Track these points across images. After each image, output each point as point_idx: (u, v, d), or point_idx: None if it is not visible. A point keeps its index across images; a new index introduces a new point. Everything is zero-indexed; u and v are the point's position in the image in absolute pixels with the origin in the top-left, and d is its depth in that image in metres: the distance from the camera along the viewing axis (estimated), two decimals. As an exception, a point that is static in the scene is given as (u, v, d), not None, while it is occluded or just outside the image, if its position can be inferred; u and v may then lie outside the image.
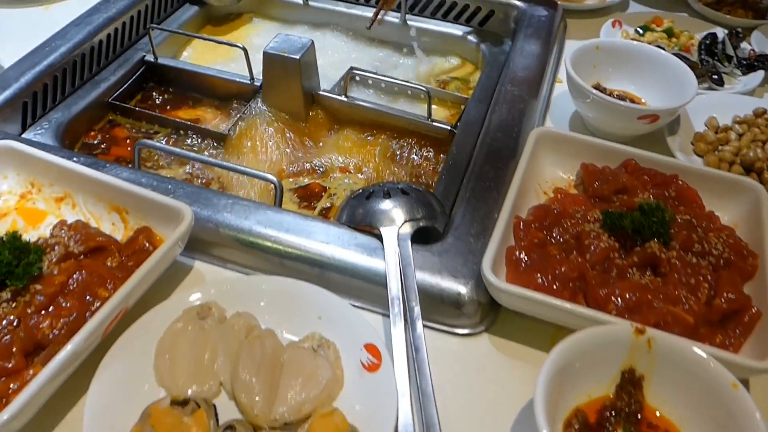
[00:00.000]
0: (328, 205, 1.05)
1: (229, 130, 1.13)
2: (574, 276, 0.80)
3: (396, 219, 0.83)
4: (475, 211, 0.88)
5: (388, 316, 0.78)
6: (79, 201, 0.87)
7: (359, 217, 0.85)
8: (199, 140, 1.15)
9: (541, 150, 0.96)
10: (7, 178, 0.89)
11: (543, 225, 0.87)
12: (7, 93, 1.04)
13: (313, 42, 1.14)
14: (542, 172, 0.96)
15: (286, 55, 1.10)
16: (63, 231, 0.81)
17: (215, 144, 1.13)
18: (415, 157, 1.13)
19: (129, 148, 1.14)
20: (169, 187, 0.88)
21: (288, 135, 1.14)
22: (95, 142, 1.14)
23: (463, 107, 1.20)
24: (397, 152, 1.14)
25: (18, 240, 0.75)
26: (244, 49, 1.15)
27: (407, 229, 0.83)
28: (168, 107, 1.23)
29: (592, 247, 0.82)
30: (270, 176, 0.90)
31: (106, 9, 1.24)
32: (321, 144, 1.15)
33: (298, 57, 1.10)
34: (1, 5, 1.37)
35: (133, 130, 1.17)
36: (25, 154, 0.88)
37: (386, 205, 0.85)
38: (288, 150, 1.11)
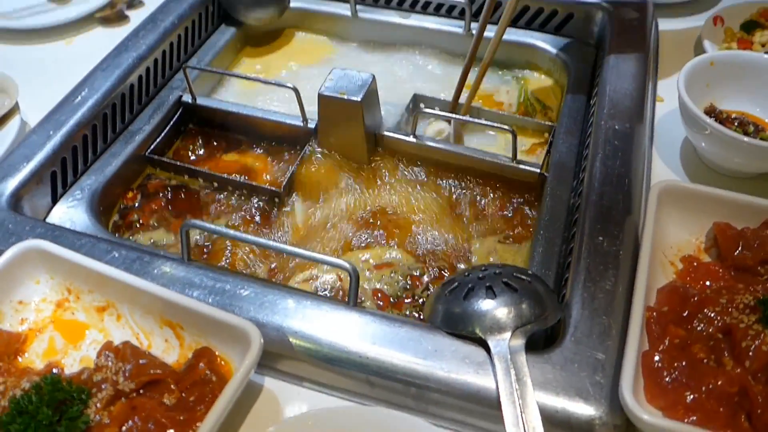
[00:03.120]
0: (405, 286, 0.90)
1: (283, 187, 0.98)
2: (733, 392, 0.65)
3: (504, 325, 0.69)
4: (594, 299, 0.73)
5: (502, 444, 0.65)
6: (124, 312, 0.74)
7: (458, 321, 0.70)
8: (251, 196, 1.00)
9: (663, 209, 0.80)
10: (40, 283, 0.76)
11: (681, 317, 0.71)
12: (34, 164, 0.91)
13: (374, 77, 0.98)
14: (666, 236, 0.80)
15: (345, 97, 0.95)
16: (110, 360, 0.68)
17: (269, 201, 0.99)
18: (499, 206, 0.97)
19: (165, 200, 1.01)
20: (228, 287, 0.75)
21: (351, 186, 0.99)
22: (135, 204, 1.00)
23: (548, 137, 1.04)
24: (477, 201, 0.98)
25: (59, 387, 0.62)
26: (295, 90, 1.00)
27: (519, 338, 0.68)
28: (211, 153, 1.09)
29: (752, 351, 0.66)
30: (344, 263, 0.76)
31: (134, 46, 1.09)
32: (389, 195, 0.99)
33: (359, 99, 0.94)
34: (23, 42, 1.24)
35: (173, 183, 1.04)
36: (56, 257, 0.75)
37: (490, 305, 0.70)
38: (357, 215, 0.96)
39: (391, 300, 0.86)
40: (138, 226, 0.97)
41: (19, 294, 0.76)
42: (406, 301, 0.87)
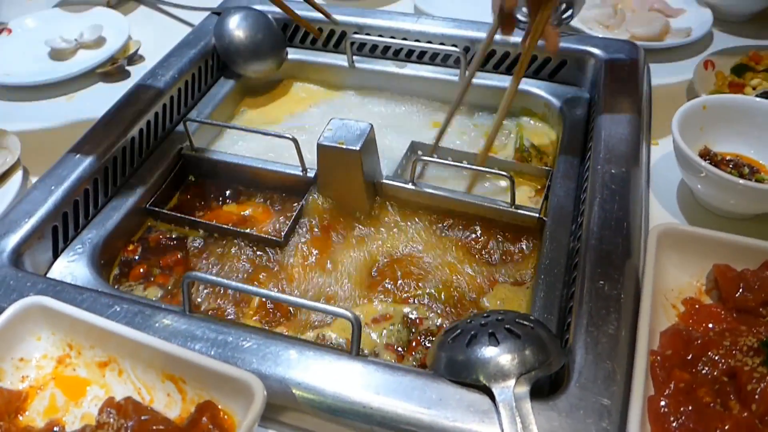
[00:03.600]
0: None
1: (284, 237, 0.98)
2: (741, 437, 0.64)
3: (508, 372, 0.68)
4: (598, 344, 0.73)
5: (510, 496, 0.64)
6: (126, 367, 0.73)
7: (461, 368, 0.70)
8: (251, 246, 1.00)
9: (663, 252, 0.80)
10: (41, 339, 0.76)
11: (685, 360, 0.71)
12: (36, 220, 0.91)
13: (372, 127, 0.99)
14: (666, 279, 0.81)
15: (344, 146, 0.96)
16: (111, 416, 0.67)
17: (270, 251, 0.99)
18: (499, 252, 0.98)
19: (179, 255, 1.01)
20: (230, 339, 0.74)
21: (351, 235, 1.00)
22: (136, 257, 1.00)
23: (546, 182, 1.05)
24: (476, 246, 0.98)
25: (60, 447, 0.62)
26: (295, 140, 1.01)
27: (523, 385, 0.68)
28: (212, 204, 1.09)
29: (758, 394, 0.66)
30: (346, 313, 0.76)
31: (135, 101, 1.11)
32: (388, 243, 1.00)
33: (358, 148, 0.95)
34: (25, 99, 1.26)
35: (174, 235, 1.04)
36: (57, 312, 0.75)
37: (494, 352, 0.69)
38: (357, 264, 0.96)
39: (401, 349, 0.85)
40: (139, 279, 0.97)
41: (20, 351, 0.75)
42: (420, 339, 0.86)
